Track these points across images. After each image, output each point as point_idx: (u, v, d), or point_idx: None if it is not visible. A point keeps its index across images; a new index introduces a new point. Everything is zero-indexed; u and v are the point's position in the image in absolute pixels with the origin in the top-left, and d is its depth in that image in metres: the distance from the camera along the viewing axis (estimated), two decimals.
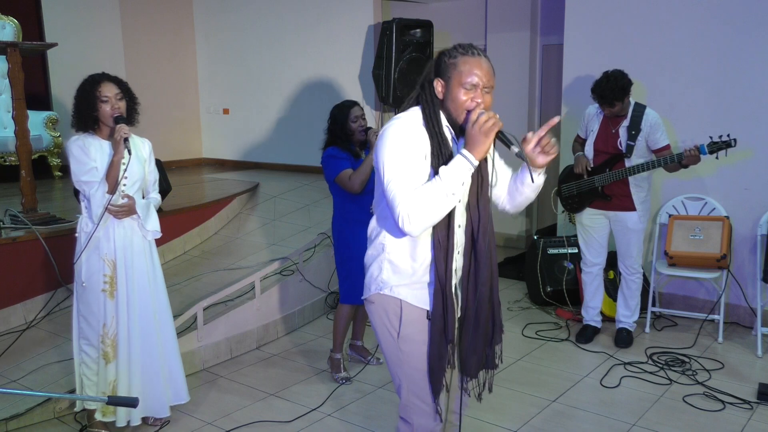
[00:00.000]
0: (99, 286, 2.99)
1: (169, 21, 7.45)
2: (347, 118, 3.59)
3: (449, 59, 1.99)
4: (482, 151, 1.91)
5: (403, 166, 1.93)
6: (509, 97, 6.43)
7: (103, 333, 3.02)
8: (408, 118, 2.02)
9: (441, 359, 2.08)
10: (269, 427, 3.25)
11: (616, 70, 3.88)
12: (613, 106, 3.87)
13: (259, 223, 5.51)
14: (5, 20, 5.84)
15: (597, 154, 4.06)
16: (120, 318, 3.02)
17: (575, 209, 4.21)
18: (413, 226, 1.92)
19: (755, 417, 3.26)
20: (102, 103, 2.91)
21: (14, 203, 4.46)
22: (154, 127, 7.24)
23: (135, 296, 3.05)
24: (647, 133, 3.91)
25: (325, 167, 3.61)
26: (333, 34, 6.57)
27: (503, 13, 6.44)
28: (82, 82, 2.97)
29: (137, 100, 3.07)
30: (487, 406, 3.26)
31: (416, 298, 2.08)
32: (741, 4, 4.25)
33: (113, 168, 2.91)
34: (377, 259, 2.12)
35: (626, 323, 4.22)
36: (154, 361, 3.12)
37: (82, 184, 2.93)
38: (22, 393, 2.82)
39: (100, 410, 3.11)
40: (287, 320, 4.50)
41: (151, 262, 3.14)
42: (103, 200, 2.91)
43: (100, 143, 2.97)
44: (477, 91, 1.96)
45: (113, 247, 3.00)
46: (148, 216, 3.08)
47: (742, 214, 4.36)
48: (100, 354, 3.04)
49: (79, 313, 3.05)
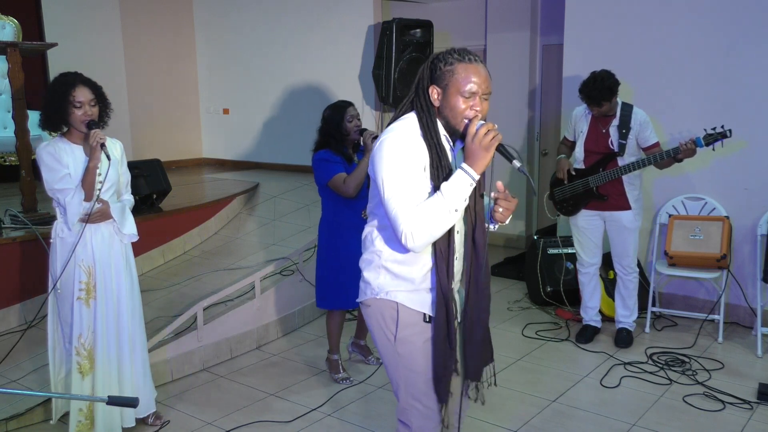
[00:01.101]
0: (74, 294, 2.89)
1: (169, 21, 7.45)
2: (343, 118, 3.54)
3: (445, 66, 1.94)
4: (483, 165, 1.90)
5: (403, 182, 1.91)
6: (509, 97, 6.43)
7: (79, 344, 2.90)
8: (405, 129, 1.98)
9: (447, 367, 2.07)
10: (269, 427, 3.25)
11: (603, 70, 3.90)
12: (601, 105, 3.89)
13: (259, 223, 5.50)
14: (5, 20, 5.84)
15: (588, 154, 4.07)
16: (98, 327, 2.92)
17: (570, 212, 4.21)
18: (416, 243, 1.91)
19: (755, 417, 3.26)
20: (75, 108, 2.79)
21: (14, 203, 4.45)
22: (154, 127, 7.28)
23: (115, 304, 2.97)
24: (637, 131, 3.93)
25: (316, 170, 3.55)
26: (333, 34, 6.57)
27: (503, 13, 6.44)
28: (54, 81, 2.85)
29: (110, 104, 2.96)
30: (487, 406, 3.25)
31: (413, 302, 2.07)
32: (741, 4, 4.25)
33: (89, 174, 2.81)
34: (373, 264, 2.10)
35: (626, 323, 4.22)
36: (128, 369, 3.03)
37: (56, 192, 2.82)
38: (22, 393, 2.81)
39: (75, 428, 2.94)
40: (287, 320, 4.50)
41: (128, 266, 3.05)
42: (80, 208, 2.82)
43: (71, 148, 2.87)
44: (476, 98, 1.93)
45: (90, 253, 2.90)
46: (124, 220, 2.98)
47: (742, 214, 4.36)
48: (74, 367, 2.91)
49: (62, 319, 2.96)
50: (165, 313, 3.95)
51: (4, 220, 4.14)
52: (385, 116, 6.38)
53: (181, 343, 3.78)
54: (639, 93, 4.58)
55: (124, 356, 3.02)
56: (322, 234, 3.69)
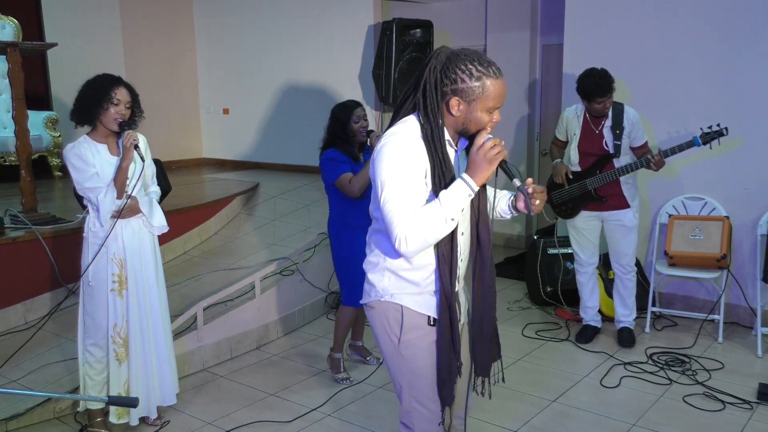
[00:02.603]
0: (108, 286, 3.00)
1: (169, 21, 7.45)
2: (349, 118, 3.55)
3: (471, 80, 1.87)
4: (483, 177, 1.89)
5: (401, 187, 1.89)
6: (509, 97, 6.33)
7: (114, 333, 3.02)
8: (407, 133, 1.94)
9: (451, 370, 2.07)
10: (269, 427, 3.25)
11: (591, 68, 3.88)
12: (608, 96, 3.84)
13: (259, 223, 5.50)
14: (5, 20, 5.84)
15: (583, 156, 4.06)
16: (131, 317, 3.03)
17: (569, 215, 4.20)
18: (409, 249, 1.89)
19: (755, 417, 3.26)
20: (112, 104, 2.88)
21: (14, 203, 4.46)
22: (154, 127, 7.20)
23: (145, 294, 3.07)
24: (629, 130, 3.93)
25: (324, 169, 3.57)
26: (333, 35, 6.57)
27: (503, 13, 6.44)
28: (97, 77, 2.94)
29: (143, 112, 3.06)
30: (488, 406, 3.26)
31: (417, 304, 2.06)
32: (741, 4, 4.25)
33: (121, 173, 2.91)
34: (377, 267, 2.10)
35: (626, 322, 4.22)
36: (157, 359, 3.13)
37: (87, 191, 2.93)
38: (22, 393, 2.83)
39: (115, 414, 3.09)
40: (287, 320, 4.50)
41: (155, 257, 3.15)
42: (113, 206, 2.92)
43: (96, 147, 2.95)
44: (496, 112, 1.95)
45: (122, 246, 3.00)
46: (152, 212, 3.10)
47: (742, 214, 4.36)
48: (111, 354, 3.03)
49: (86, 312, 3.05)
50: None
51: (4, 219, 4.14)
52: (385, 116, 6.39)
53: (181, 343, 3.78)
54: (638, 92, 4.58)
55: (158, 344, 3.13)
56: (333, 234, 3.70)
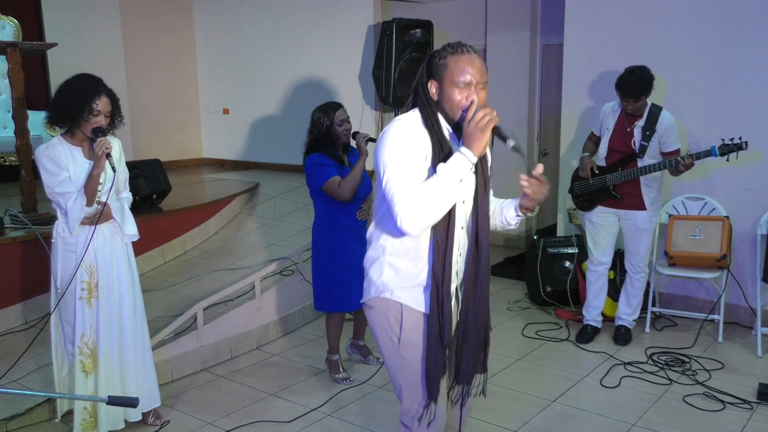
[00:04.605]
0: (76, 294, 2.90)
1: (169, 21, 7.45)
2: (332, 122, 3.51)
3: (440, 60, 1.99)
4: (480, 146, 1.91)
5: (402, 166, 1.92)
6: (509, 97, 6.43)
7: (82, 343, 2.92)
8: (408, 119, 2.02)
9: (437, 364, 2.05)
10: (269, 427, 3.25)
11: (639, 65, 3.87)
12: (639, 99, 3.84)
13: (259, 223, 5.50)
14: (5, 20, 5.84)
15: (611, 152, 4.06)
16: (100, 326, 2.94)
17: (586, 207, 4.21)
18: (411, 225, 1.89)
19: (755, 417, 3.26)
20: (92, 116, 2.79)
21: (14, 203, 4.45)
22: (154, 127, 7.28)
23: (116, 301, 2.98)
24: (661, 134, 3.91)
25: (309, 174, 3.54)
26: (333, 35, 6.57)
27: (503, 13, 6.44)
28: (75, 81, 2.82)
29: (123, 117, 2.97)
30: (488, 406, 3.26)
31: (416, 302, 2.07)
32: (742, 4, 4.25)
33: (92, 181, 2.82)
34: (377, 261, 2.10)
35: (626, 321, 4.22)
36: (131, 366, 3.05)
37: (57, 195, 2.82)
38: (22, 393, 2.82)
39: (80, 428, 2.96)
40: (287, 320, 4.50)
41: (129, 265, 3.06)
42: (81, 213, 2.83)
43: (71, 150, 2.86)
44: (471, 88, 1.95)
45: (92, 252, 2.91)
46: (124, 220, 3.01)
47: (742, 214, 4.36)
48: (77, 366, 2.93)
49: (64, 319, 2.96)
50: (165, 313, 3.95)
51: (4, 219, 4.14)
52: (385, 116, 6.38)
53: (181, 343, 3.78)
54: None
55: (127, 354, 3.03)
56: (317, 237, 3.68)
